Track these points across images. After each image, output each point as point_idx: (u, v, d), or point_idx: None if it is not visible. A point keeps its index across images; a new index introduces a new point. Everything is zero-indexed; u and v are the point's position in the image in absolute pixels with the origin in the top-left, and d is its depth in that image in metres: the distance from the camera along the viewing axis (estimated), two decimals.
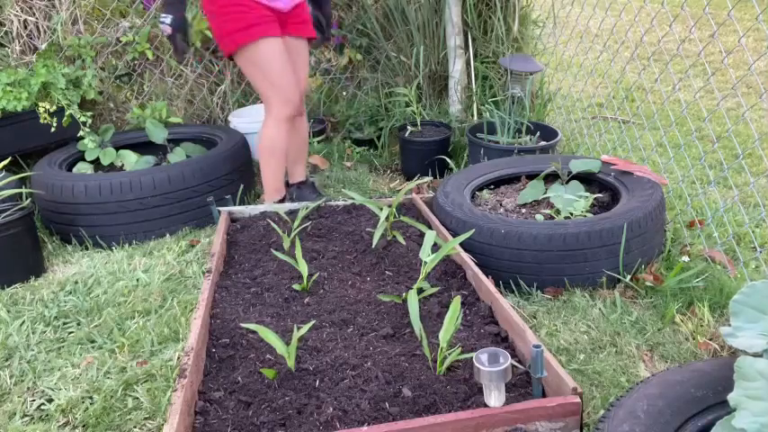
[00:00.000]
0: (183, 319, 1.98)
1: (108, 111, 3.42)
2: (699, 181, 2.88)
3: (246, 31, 2.33)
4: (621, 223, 1.99)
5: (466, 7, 3.39)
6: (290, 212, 2.51)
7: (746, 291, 1.45)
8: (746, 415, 1.10)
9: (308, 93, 3.88)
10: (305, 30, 2.58)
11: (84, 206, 2.48)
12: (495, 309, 1.75)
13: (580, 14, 3.30)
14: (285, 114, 2.46)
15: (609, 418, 1.23)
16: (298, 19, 2.53)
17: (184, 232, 2.63)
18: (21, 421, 1.58)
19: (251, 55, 2.38)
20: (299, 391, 1.46)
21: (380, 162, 3.41)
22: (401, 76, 3.62)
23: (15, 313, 2.06)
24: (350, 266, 2.09)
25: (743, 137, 3.45)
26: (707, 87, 4.19)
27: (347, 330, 1.72)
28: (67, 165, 2.82)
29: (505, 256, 2.03)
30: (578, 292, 2.02)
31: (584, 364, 1.71)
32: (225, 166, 2.76)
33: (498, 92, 3.36)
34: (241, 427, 1.36)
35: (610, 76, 4.24)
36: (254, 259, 2.17)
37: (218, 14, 2.35)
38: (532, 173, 2.55)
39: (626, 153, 3.08)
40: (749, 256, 2.23)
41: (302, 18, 2.55)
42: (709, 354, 1.74)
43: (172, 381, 1.69)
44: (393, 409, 1.37)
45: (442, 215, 2.26)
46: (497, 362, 1.29)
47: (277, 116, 2.46)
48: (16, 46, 3.13)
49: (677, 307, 1.92)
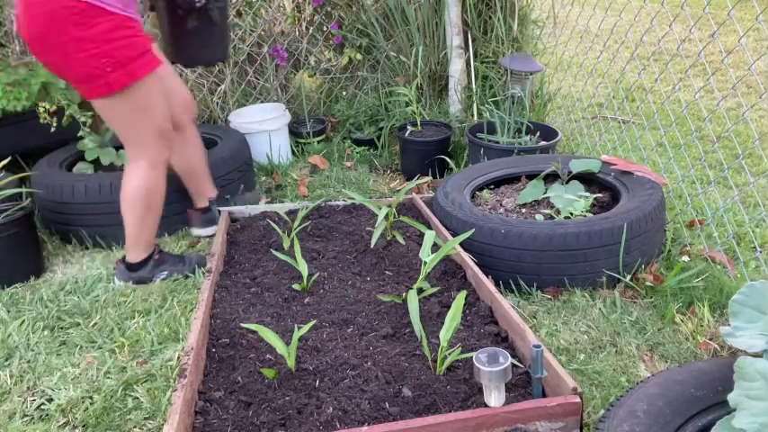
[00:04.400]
0: (183, 318, 1.98)
1: None
2: (699, 181, 2.88)
3: (141, 61, 1.86)
4: (621, 223, 1.99)
5: (466, 7, 3.39)
6: (290, 212, 2.51)
7: (746, 291, 1.45)
8: (746, 415, 1.10)
9: (308, 93, 3.88)
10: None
11: (84, 206, 2.47)
12: (495, 308, 1.75)
13: (580, 14, 3.30)
14: (164, 159, 2.09)
15: (609, 418, 1.23)
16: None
17: (184, 232, 2.63)
18: (21, 421, 1.58)
19: (140, 91, 1.90)
20: (299, 391, 1.46)
21: (380, 162, 3.41)
22: (401, 76, 3.62)
23: (15, 313, 2.06)
24: (350, 266, 2.09)
25: (743, 137, 3.45)
26: (707, 87, 4.19)
27: (347, 330, 1.72)
28: (67, 165, 2.82)
29: (505, 255, 2.03)
30: (578, 292, 2.02)
31: (584, 364, 1.71)
32: (225, 166, 2.76)
33: (498, 92, 3.36)
34: (241, 427, 1.36)
35: (610, 76, 4.24)
36: (254, 259, 2.17)
37: (98, 42, 1.78)
38: (532, 173, 2.55)
39: (626, 153, 3.08)
40: (749, 256, 2.23)
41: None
42: (709, 354, 1.74)
43: (172, 381, 1.69)
44: (393, 409, 1.37)
45: (442, 215, 2.26)
46: (497, 362, 1.29)
47: (156, 161, 2.06)
48: (16, 46, 3.13)
49: (677, 307, 1.92)
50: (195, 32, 2.20)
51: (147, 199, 2.09)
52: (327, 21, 3.81)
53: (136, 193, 2.08)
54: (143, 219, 2.12)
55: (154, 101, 1.99)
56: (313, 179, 3.23)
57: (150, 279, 2.22)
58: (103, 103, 1.93)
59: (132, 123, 2.00)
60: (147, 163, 2.06)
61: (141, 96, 1.93)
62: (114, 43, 1.81)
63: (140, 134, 2.02)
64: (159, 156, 2.08)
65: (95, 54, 1.79)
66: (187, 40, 2.23)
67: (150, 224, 2.16)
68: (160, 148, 2.07)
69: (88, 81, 1.85)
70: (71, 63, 1.82)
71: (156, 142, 2.05)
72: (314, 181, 3.20)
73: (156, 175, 2.08)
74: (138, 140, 2.04)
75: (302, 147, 3.57)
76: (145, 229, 2.15)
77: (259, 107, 3.59)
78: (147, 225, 2.15)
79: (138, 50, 1.87)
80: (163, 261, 2.24)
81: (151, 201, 2.10)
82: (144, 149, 2.05)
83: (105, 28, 1.78)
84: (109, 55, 1.79)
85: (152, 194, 2.10)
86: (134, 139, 2.04)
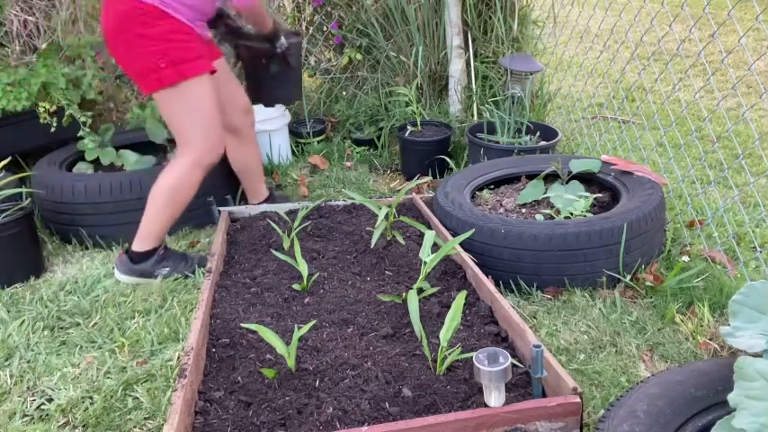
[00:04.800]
0: (183, 318, 1.98)
1: (108, 111, 3.42)
2: (699, 181, 2.88)
3: (193, 63, 2.03)
4: (621, 223, 1.99)
5: (466, 7, 3.39)
6: (290, 212, 2.51)
7: (746, 291, 1.45)
8: (746, 415, 1.10)
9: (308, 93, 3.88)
10: (216, 50, 2.35)
11: (84, 206, 2.47)
12: (495, 309, 1.76)
13: (580, 14, 3.30)
14: (207, 162, 2.16)
15: (609, 418, 1.23)
16: (209, 41, 2.31)
17: (184, 232, 2.63)
18: (21, 421, 1.58)
19: (190, 91, 2.06)
20: (299, 391, 1.46)
21: (380, 162, 3.41)
22: (401, 76, 3.62)
23: (15, 313, 2.06)
24: (350, 266, 2.09)
25: (743, 137, 3.45)
26: (707, 87, 4.19)
27: (347, 330, 1.72)
28: (67, 165, 2.82)
29: (505, 255, 2.03)
30: (578, 292, 2.02)
31: (584, 364, 1.71)
32: (225, 165, 2.76)
33: (498, 92, 3.36)
34: (241, 427, 1.36)
35: (610, 76, 4.24)
36: (254, 259, 2.18)
37: (157, 40, 1.98)
38: (532, 173, 2.55)
39: (626, 153, 3.08)
40: (749, 256, 2.23)
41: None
42: (710, 354, 1.74)
43: (172, 381, 1.69)
44: (393, 409, 1.37)
45: (442, 215, 2.26)
46: (497, 362, 1.29)
47: (199, 161, 2.14)
48: (16, 46, 3.13)
49: (677, 307, 1.92)
50: (276, 76, 2.50)
51: (175, 194, 2.16)
52: (327, 21, 3.81)
53: (167, 184, 2.16)
54: (164, 212, 2.17)
55: (203, 104, 2.10)
56: (313, 179, 3.23)
57: (152, 273, 2.22)
58: (158, 99, 2.09)
59: (180, 121, 2.12)
60: (191, 160, 2.14)
61: (191, 96, 2.07)
62: (171, 44, 1.99)
63: (187, 133, 2.13)
64: (203, 157, 2.15)
65: (153, 51, 1.97)
66: (270, 83, 2.54)
67: (168, 218, 2.20)
68: (206, 150, 2.15)
69: (144, 75, 2.03)
70: (132, 57, 2.03)
71: (202, 143, 2.13)
72: (314, 181, 3.20)
73: (193, 175, 2.16)
74: (185, 138, 2.14)
75: (302, 147, 3.57)
76: (162, 221, 2.19)
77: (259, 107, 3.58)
78: (164, 218, 2.19)
79: (191, 54, 2.03)
80: (167, 257, 2.25)
81: (177, 196, 2.17)
82: (188, 148, 2.14)
83: (166, 29, 1.98)
84: (164, 53, 1.98)
85: (181, 191, 2.17)
86: (181, 136, 2.15)
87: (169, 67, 1.99)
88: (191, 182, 2.16)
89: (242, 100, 2.52)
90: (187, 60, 2.02)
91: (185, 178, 2.15)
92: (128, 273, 2.22)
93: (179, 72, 2.01)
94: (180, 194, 2.17)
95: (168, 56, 1.99)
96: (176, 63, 2.00)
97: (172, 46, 1.99)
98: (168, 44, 1.99)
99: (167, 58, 1.98)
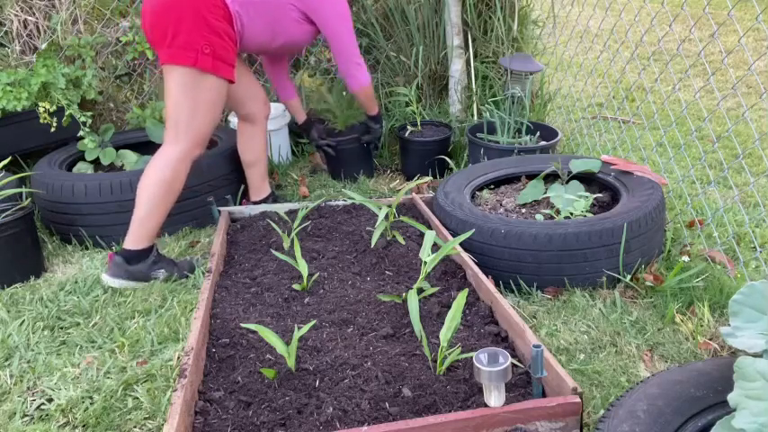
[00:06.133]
0: (183, 318, 1.98)
1: (108, 111, 3.42)
2: (699, 181, 2.88)
3: (225, 65, 2.18)
4: (621, 223, 1.99)
5: (466, 7, 3.39)
6: (290, 212, 2.51)
7: (746, 291, 1.45)
8: (746, 415, 1.10)
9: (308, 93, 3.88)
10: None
11: (84, 206, 2.48)
12: (495, 309, 1.75)
13: (580, 14, 3.30)
14: (194, 155, 2.23)
15: (609, 418, 1.23)
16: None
17: (184, 232, 2.63)
18: (21, 421, 1.58)
19: (210, 86, 2.17)
20: (299, 391, 1.46)
21: (380, 162, 3.41)
22: (401, 76, 3.62)
23: (15, 313, 2.06)
24: (350, 266, 2.09)
25: (743, 137, 3.45)
26: (707, 87, 4.19)
27: (347, 330, 1.72)
28: (67, 165, 2.82)
29: (505, 255, 2.03)
30: (578, 292, 2.02)
31: (584, 364, 1.71)
32: (225, 165, 2.76)
33: (498, 92, 3.36)
34: (241, 427, 1.36)
35: (610, 76, 4.24)
36: (254, 259, 2.18)
37: (214, 32, 2.13)
38: (532, 173, 2.55)
39: (626, 153, 3.08)
40: (749, 256, 2.23)
41: None
42: (710, 354, 1.74)
43: (172, 381, 1.69)
44: (393, 409, 1.37)
45: (442, 215, 2.26)
46: (497, 362, 1.29)
47: (185, 153, 2.19)
48: (16, 46, 3.13)
49: (677, 307, 1.92)
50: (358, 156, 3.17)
51: (167, 184, 2.18)
52: None
53: (162, 177, 2.17)
54: (156, 203, 2.18)
55: (213, 103, 2.21)
56: (313, 179, 3.23)
57: (147, 276, 2.21)
58: (175, 76, 2.14)
59: (185, 107, 2.17)
60: (180, 151, 2.19)
61: (207, 90, 2.18)
62: (222, 41, 2.16)
63: (184, 121, 2.18)
64: (190, 149, 2.21)
65: (205, 36, 2.12)
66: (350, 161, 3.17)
67: (163, 213, 2.21)
68: (193, 144, 2.22)
69: (183, 47, 2.11)
70: (185, 29, 2.11)
71: (192, 137, 2.20)
72: (314, 181, 3.20)
73: (184, 165, 2.21)
74: (180, 126, 2.19)
75: (302, 147, 3.57)
76: (154, 214, 2.19)
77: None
78: (157, 211, 2.19)
79: (230, 58, 2.21)
80: (161, 260, 2.25)
81: (169, 188, 2.19)
82: (179, 137, 2.19)
83: (224, 29, 2.17)
84: (212, 44, 2.13)
85: (176, 183, 2.20)
86: (177, 123, 2.19)
87: (210, 56, 2.12)
88: (180, 173, 2.21)
89: (260, 92, 2.65)
90: (225, 61, 2.17)
91: (176, 169, 2.19)
92: (121, 276, 2.19)
93: (215, 65, 2.14)
94: (175, 186, 2.20)
95: (214, 47, 2.13)
96: (216, 57, 2.14)
97: (221, 44, 2.15)
98: (219, 40, 2.15)
99: (212, 49, 2.13)
